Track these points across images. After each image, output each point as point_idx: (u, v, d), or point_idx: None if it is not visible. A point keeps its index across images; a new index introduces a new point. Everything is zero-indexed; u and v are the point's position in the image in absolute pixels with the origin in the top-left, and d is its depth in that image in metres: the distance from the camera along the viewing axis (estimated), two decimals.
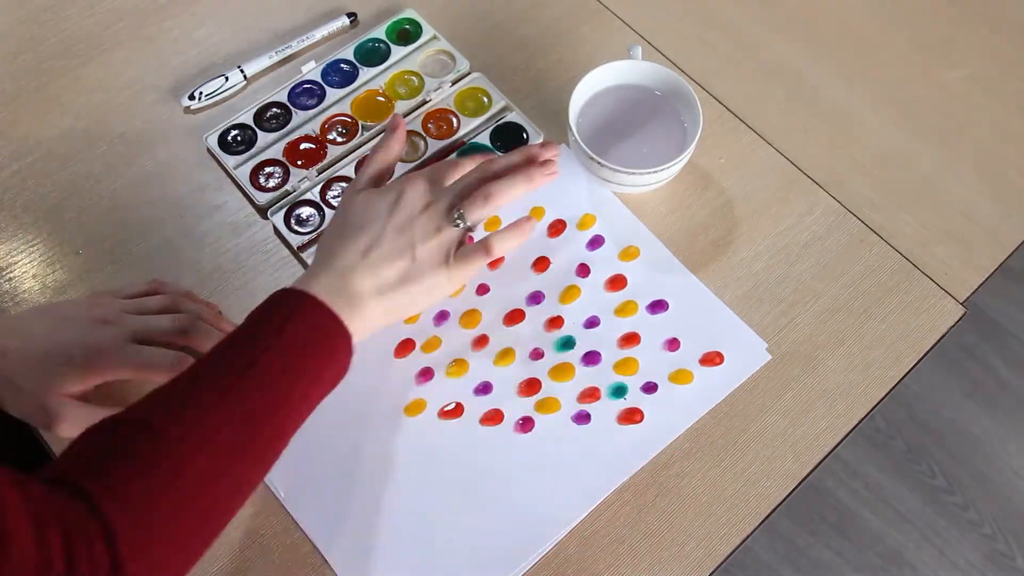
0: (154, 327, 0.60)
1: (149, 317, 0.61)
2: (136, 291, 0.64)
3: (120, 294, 0.63)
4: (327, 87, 0.75)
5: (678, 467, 0.63)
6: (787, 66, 0.79)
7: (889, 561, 1.35)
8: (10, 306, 0.67)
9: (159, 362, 0.59)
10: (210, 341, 0.61)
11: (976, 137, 0.76)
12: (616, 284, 0.68)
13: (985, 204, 0.73)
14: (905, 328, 0.67)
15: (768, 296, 0.68)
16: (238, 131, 0.73)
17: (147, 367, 0.59)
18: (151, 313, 0.61)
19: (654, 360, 0.65)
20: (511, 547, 0.60)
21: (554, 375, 0.65)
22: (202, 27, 0.79)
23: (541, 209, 0.71)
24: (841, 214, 0.72)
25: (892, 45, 0.81)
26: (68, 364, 0.57)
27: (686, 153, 0.67)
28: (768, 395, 0.65)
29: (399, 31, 0.78)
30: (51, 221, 0.71)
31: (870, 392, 0.65)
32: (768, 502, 0.62)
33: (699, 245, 0.70)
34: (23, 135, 0.74)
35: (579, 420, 0.64)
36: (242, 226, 0.71)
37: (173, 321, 0.60)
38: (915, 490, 1.39)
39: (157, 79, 0.77)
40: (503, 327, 0.67)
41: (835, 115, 0.77)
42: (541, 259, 0.69)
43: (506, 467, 0.62)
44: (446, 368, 0.65)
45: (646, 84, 0.72)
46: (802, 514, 1.37)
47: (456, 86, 0.76)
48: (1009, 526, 1.37)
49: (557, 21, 0.80)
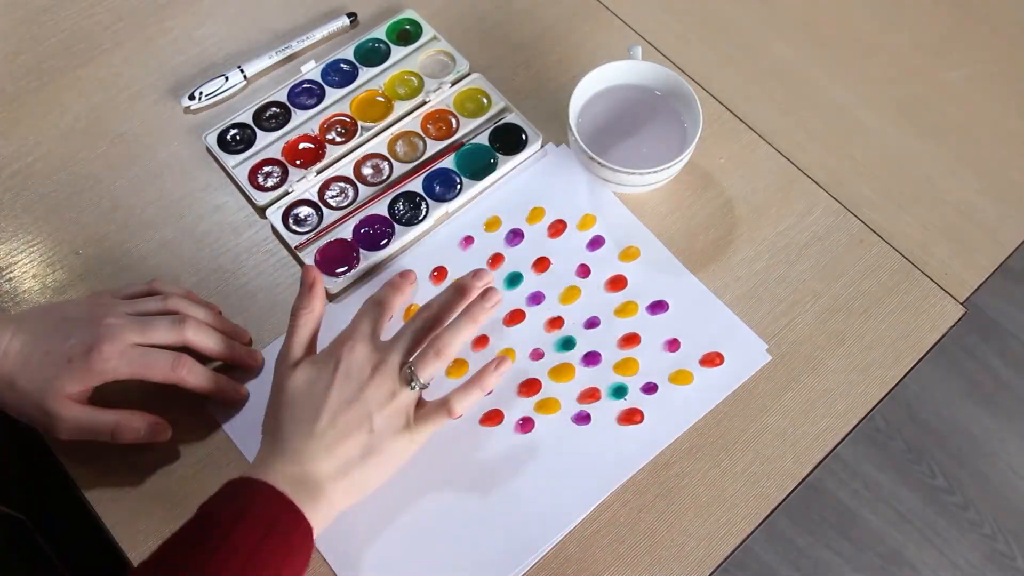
0: (152, 328, 0.59)
1: (148, 319, 0.60)
2: (136, 291, 0.64)
3: (120, 294, 0.63)
4: (327, 87, 0.75)
5: (678, 467, 0.63)
6: (787, 66, 0.79)
7: (889, 561, 1.35)
8: (10, 306, 0.67)
9: (157, 364, 0.59)
10: (209, 342, 0.61)
11: (976, 137, 0.76)
12: (616, 284, 0.68)
13: (985, 204, 0.73)
14: (905, 328, 0.67)
15: (768, 296, 0.68)
16: (237, 130, 0.73)
17: (145, 368, 0.58)
18: (150, 314, 0.61)
19: (654, 361, 0.65)
20: (511, 548, 0.60)
21: (554, 375, 0.65)
22: (202, 27, 0.79)
23: (542, 209, 0.71)
24: (841, 214, 0.72)
25: (892, 45, 0.81)
26: (68, 365, 0.57)
27: (686, 153, 0.67)
28: (768, 395, 0.65)
29: (399, 31, 0.78)
30: (51, 221, 0.71)
31: (870, 392, 0.65)
32: (768, 502, 0.62)
33: (699, 245, 0.70)
34: (23, 135, 0.74)
35: (579, 421, 0.64)
36: (242, 226, 0.71)
37: (171, 322, 0.60)
38: (915, 490, 1.39)
39: (157, 79, 0.77)
40: (503, 327, 0.67)
41: (835, 115, 0.77)
42: (541, 259, 0.69)
43: (506, 468, 0.62)
44: (446, 368, 0.65)
45: (646, 84, 0.72)
46: (802, 514, 1.37)
47: (456, 87, 0.76)
48: (1009, 526, 1.37)
49: (557, 21, 0.80)
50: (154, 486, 0.61)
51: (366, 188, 0.72)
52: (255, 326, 0.66)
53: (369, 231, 0.70)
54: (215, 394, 0.61)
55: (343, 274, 0.68)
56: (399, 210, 0.71)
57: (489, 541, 0.60)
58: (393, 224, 0.70)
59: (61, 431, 0.58)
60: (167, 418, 0.61)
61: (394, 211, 0.71)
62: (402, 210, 0.71)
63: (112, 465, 0.61)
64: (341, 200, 0.71)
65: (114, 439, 0.59)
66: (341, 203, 0.71)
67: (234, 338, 0.64)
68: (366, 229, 0.70)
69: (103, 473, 0.61)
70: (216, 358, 0.63)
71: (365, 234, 0.70)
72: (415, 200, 0.71)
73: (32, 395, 0.57)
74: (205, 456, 0.62)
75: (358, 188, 0.72)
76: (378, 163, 0.73)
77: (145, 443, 0.60)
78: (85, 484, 0.61)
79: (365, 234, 0.70)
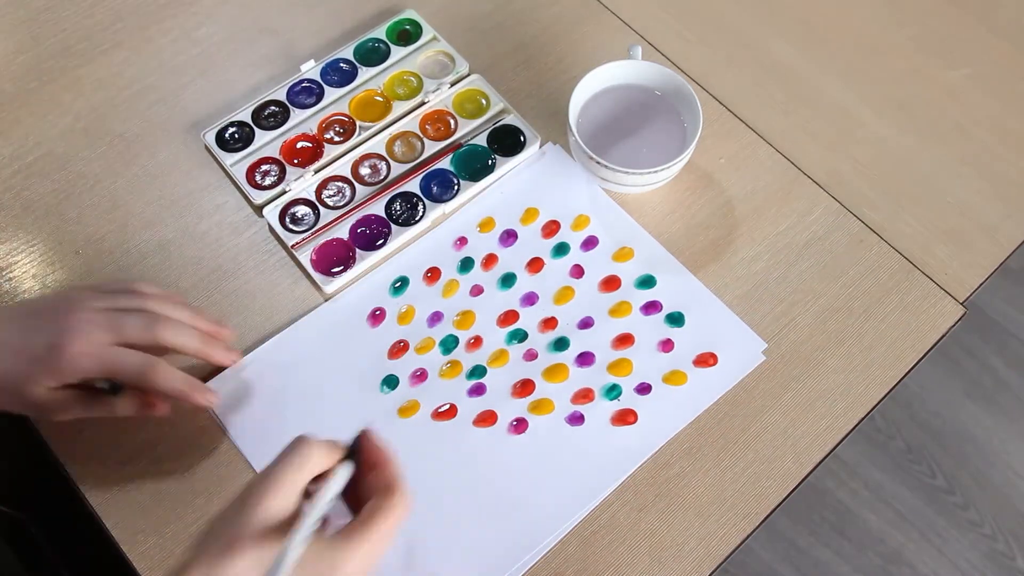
0: (123, 325, 0.57)
1: (119, 315, 0.57)
2: (115, 287, 0.60)
3: (98, 289, 0.60)
4: (326, 86, 0.75)
5: (678, 467, 0.62)
6: (787, 66, 0.79)
7: (889, 561, 1.34)
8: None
9: (127, 365, 0.56)
10: (183, 339, 0.58)
11: (976, 137, 0.76)
12: (610, 285, 0.68)
13: (985, 204, 0.73)
14: (905, 328, 0.67)
15: (768, 296, 0.68)
16: (236, 128, 0.73)
17: (115, 368, 0.56)
18: (122, 311, 0.58)
19: (648, 361, 0.65)
20: (505, 549, 0.60)
21: (548, 376, 0.65)
22: (202, 27, 0.79)
23: (535, 210, 0.71)
24: (841, 214, 0.72)
25: (892, 45, 0.81)
26: (38, 364, 0.55)
27: (686, 153, 0.67)
28: (768, 395, 0.65)
29: (399, 31, 0.78)
30: (51, 221, 0.71)
31: (870, 392, 0.65)
32: (768, 502, 0.62)
33: (699, 245, 0.70)
34: (23, 135, 0.74)
35: (573, 421, 0.64)
36: (242, 226, 0.71)
37: (145, 320, 0.57)
38: (915, 490, 1.39)
39: (157, 79, 0.77)
40: (496, 327, 0.67)
41: (835, 115, 0.77)
42: (535, 260, 0.69)
43: (500, 469, 0.62)
44: (439, 369, 0.65)
45: (646, 84, 0.72)
46: (802, 514, 1.37)
47: (455, 88, 0.76)
48: (1009, 526, 1.37)
49: (557, 21, 0.80)
50: (154, 486, 0.61)
51: (363, 188, 0.72)
52: (255, 326, 0.66)
53: (366, 231, 0.70)
54: (185, 400, 0.59)
55: (339, 274, 0.68)
56: (396, 210, 0.71)
57: (483, 543, 0.60)
58: (390, 224, 0.70)
59: (55, 417, 0.57)
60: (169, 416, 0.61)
61: (391, 211, 0.70)
62: (399, 210, 0.71)
63: (112, 465, 0.61)
64: (338, 199, 0.71)
65: (116, 414, 0.58)
66: (338, 202, 0.71)
67: (215, 336, 0.62)
68: (363, 229, 0.70)
69: (103, 473, 0.61)
70: (192, 356, 0.60)
71: (362, 234, 0.70)
72: (412, 200, 0.71)
73: (6, 394, 0.56)
74: (205, 456, 0.62)
75: (355, 188, 0.71)
76: (376, 163, 0.73)
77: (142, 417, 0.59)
78: (85, 484, 0.61)
79: (362, 234, 0.70)
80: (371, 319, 0.67)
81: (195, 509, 0.60)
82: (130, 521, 0.60)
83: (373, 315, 0.67)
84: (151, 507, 0.60)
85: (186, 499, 0.61)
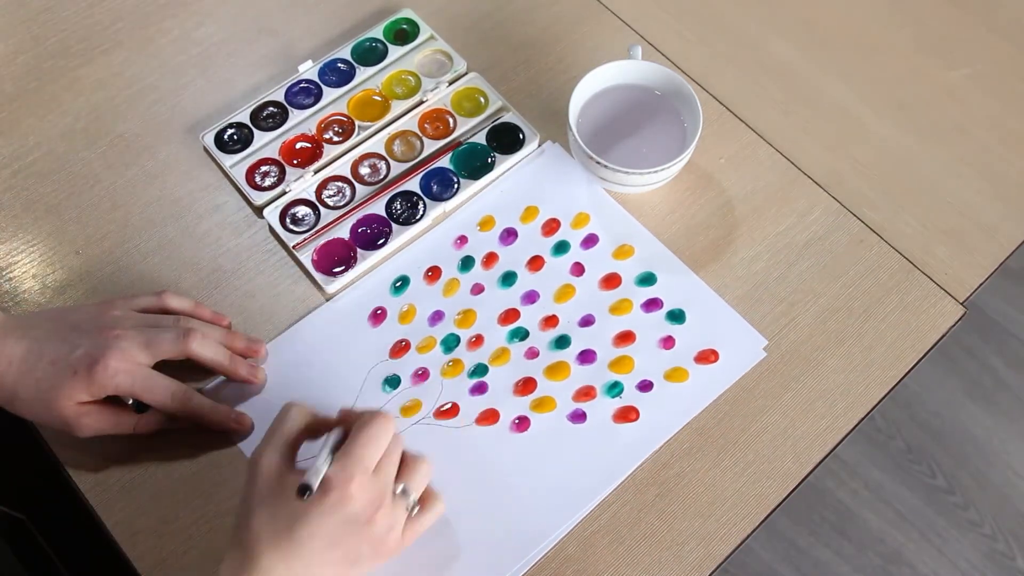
0: (158, 345, 0.59)
1: (154, 333, 0.59)
2: (147, 304, 0.63)
3: (131, 305, 0.62)
4: (324, 86, 0.75)
5: (678, 467, 0.62)
6: (787, 66, 0.79)
7: (889, 561, 1.34)
8: (10, 306, 0.67)
9: (157, 391, 0.58)
10: (210, 353, 0.61)
11: (976, 137, 0.76)
12: (610, 282, 0.68)
13: (985, 204, 0.73)
14: (905, 328, 0.67)
15: (768, 296, 0.68)
16: (234, 130, 0.73)
17: (146, 393, 0.58)
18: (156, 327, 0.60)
19: (649, 358, 0.65)
20: (508, 548, 0.60)
21: (549, 374, 0.65)
22: (202, 27, 0.79)
23: (535, 208, 0.71)
24: (841, 214, 0.72)
25: (892, 45, 0.81)
26: (73, 378, 0.56)
27: (686, 153, 0.67)
28: (768, 395, 0.65)
29: (396, 31, 0.78)
30: (51, 221, 0.71)
31: (870, 392, 0.65)
32: (768, 502, 0.62)
33: (699, 245, 0.70)
34: (23, 135, 0.74)
35: (575, 419, 0.64)
36: (242, 226, 0.71)
37: (176, 335, 0.59)
38: (915, 490, 1.39)
39: (157, 79, 0.77)
40: (498, 326, 0.67)
41: (835, 115, 0.77)
42: (535, 258, 0.69)
43: (502, 467, 0.62)
44: (441, 368, 0.65)
45: (646, 84, 0.72)
46: (802, 514, 1.37)
47: (453, 86, 0.76)
48: (1009, 526, 1.37)
49: (557, 21, 0.80)
50: (154, 487, 0.61)
51: (363, 187, 0.72)
52: (254, 326, 0.66)
53: (366, 230, 0.70)
54: (214, 426, 0.61)
55: (341, 273, 0.68)
56: (396, 209, 0.71)
57: (486, 541, 0.60)
58: (390, 223, 0.70)
59: (79, 433, 0.58)
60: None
61: (391, 210, 0.70)
62: (399, 209, 0.71)
63: (112, 466, 0.61)
64: (338, 199, 0.71)
65: (136, 431, 0.60)
66: (338, 202, 0.71)
67: (245, 354, 0.64)
68: (363, 228, 0.70)
69: (103, 473, 0.61)
70: (218, 372, 0.63)
71: (363, 233, 0.70)
72: (412, 199, 0.71)
73: (35, 404, 0.57)
74: (206, 456, 0.62)
75: (355, 187, 0.71)
76: (375, 162, 0.73)
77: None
78: (85, 484, 0.61)
79: (363, 233, 0.70)
80: (372, 319, 0.67)
81: (195, 509, 0.60)
82: (130, 521, 0.60)
83: (374, 314, 0.67)
84: (151, 507, 0.60)
85: (186, 499, 0.61)
